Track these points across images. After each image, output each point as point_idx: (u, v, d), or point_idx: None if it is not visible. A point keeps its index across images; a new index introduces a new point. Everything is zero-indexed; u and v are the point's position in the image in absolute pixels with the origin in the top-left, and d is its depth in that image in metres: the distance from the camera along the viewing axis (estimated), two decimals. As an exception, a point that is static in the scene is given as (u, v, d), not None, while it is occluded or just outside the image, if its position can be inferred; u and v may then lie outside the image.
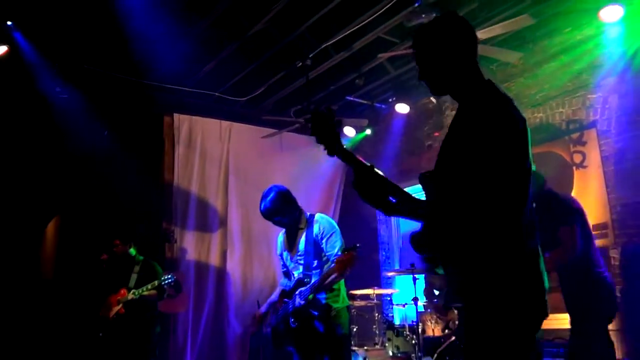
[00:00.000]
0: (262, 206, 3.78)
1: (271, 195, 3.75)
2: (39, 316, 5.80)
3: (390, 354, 4.94)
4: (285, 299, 3.71)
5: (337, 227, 3.74)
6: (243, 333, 6.88)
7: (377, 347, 5.41)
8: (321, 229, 3.64)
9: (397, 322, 7.03)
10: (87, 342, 5.28)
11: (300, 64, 6.08)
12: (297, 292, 3.54)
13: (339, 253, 3.47)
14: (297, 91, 6.86)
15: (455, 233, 1.85)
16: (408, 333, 4.96)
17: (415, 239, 2.01)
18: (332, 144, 2.06)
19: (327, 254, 3.58)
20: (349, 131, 7.44)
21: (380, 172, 1.96)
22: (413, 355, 4.78)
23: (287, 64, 6.23)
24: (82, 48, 5.53)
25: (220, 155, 7.17)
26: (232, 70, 6.44)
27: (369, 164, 1.97)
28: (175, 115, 6.88)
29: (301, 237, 3.68)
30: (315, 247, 3.60)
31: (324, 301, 3.52)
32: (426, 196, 2.09)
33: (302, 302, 3.45)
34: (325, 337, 3.46)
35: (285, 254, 3.90)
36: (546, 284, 1.84)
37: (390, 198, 1.98)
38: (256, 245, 7.25)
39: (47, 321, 5.81)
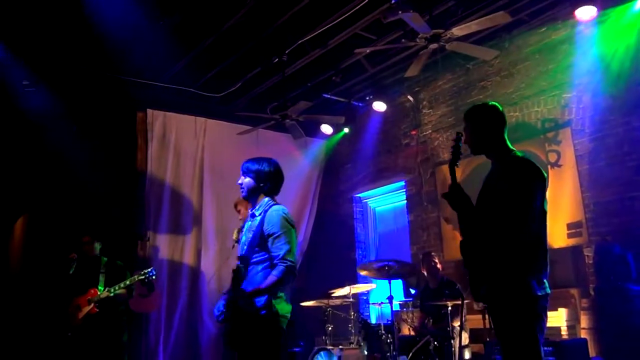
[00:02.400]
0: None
1: (268, 160, 3.37)
2: (6, 315, 5.63)
3: (366, 353, 4.90)
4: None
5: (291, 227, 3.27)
6: (217, 332, 6.78)
7: (353, 346, 5.36)
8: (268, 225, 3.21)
9: (373, 321, 7.01)
10: (54, 341, 5.13)
11: (277, 59, 6.01)
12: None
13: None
14: (273, 88, 6.78)
15: (490, 247, 2.69)
16: (383, 332, 4.92)
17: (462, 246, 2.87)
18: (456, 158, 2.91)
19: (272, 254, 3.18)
20: (326, 129, 7.39)
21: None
22: (388, 354, 4.74)
23: (263, 60, 6.14)
24: (52, 41, 5.37)
25: (195, 151, 7.06)
26: (207, 66, 6.33)
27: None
28: (149, 111, 6.75)
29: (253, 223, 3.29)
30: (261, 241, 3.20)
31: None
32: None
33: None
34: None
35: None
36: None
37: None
38: (230, 242, 7.15)
39: (14, 321, 5.64)
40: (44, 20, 5.04)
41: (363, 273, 5.67)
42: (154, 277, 4.80)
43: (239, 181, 3.34)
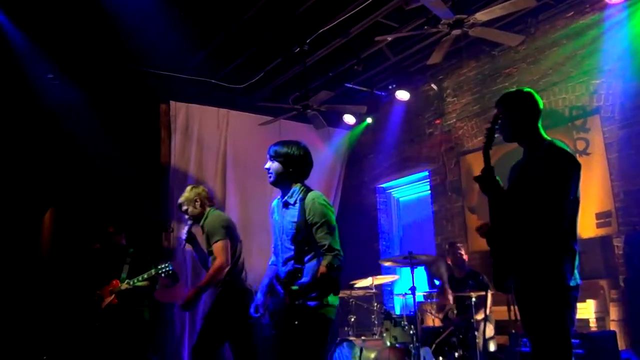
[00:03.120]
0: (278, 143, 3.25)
1: (297, 143, 3.23)
2: (36, 306, 5.76)
3: (388, 344, 4.86)
4: (279, 290, 3.18)
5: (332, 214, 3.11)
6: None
7: (375, 337, 5.32)
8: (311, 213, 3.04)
9: (397, 312, 6.96)
10: (81, 330, 5.22)
11: (298, 49, 5.97)
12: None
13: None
14: (294, 78, 6.74)
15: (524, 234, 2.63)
16: (406, 323, 4.86)
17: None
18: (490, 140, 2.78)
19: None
20: (348, 119, 7.34)
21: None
22: (411, 345, 4.69)
23: (285, 50, 6.11)
24: (75, 34, 5.42)
25: (218, 143, 7.08)
26: (228, 57, 6.33)
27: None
28: (172, 103, 6.79)
29: (291, 211, 3.11)
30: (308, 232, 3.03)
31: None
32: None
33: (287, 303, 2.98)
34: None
35: (274, 220, 3.32)
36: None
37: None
38: (255, 235, 7.16)
39: (44, 313, 5.77)
40: (68, 14, 5.09)
41: (387, 264, 5.64)
42: (170, 272, 4.79)
43: (266, 166, 3.19)
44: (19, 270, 5.79)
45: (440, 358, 4.76)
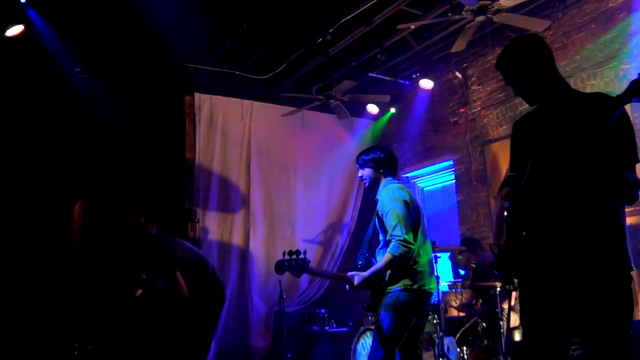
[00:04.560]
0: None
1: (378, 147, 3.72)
2: (67, 296, 5.90)
3: (413, 333, 4.86)
4: None
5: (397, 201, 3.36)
6: (267, 312, 6.90)
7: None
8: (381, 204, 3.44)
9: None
10: (112, 318, 5.34)
11: (320, 39, 5.96)
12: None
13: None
14: (317, 68, 6.74)
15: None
16: (430, 312, 4.86)
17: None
18: None
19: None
20: (372, 108, 7.30)
21: None
22: (435, 335, 4.69)
23: (307, 40, 6.11)
24: (100, 27, 5.51)
25: (242, 134, 7.13)
26: (251, 49, 6.35)
27: None
28: (196, 95, 6.85)
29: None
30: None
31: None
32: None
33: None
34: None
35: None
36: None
37: None
38: (279, 226, 7.23)
39: (75, 298, 5.91)
40: (93, 7, 5.17)
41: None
42: None
43: (360, 174, 3.58)
44: (50, 260, 5.95)
45: (465, 347, 4.74)
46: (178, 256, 4.40)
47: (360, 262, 3.46)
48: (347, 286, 3.36)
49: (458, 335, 4.79)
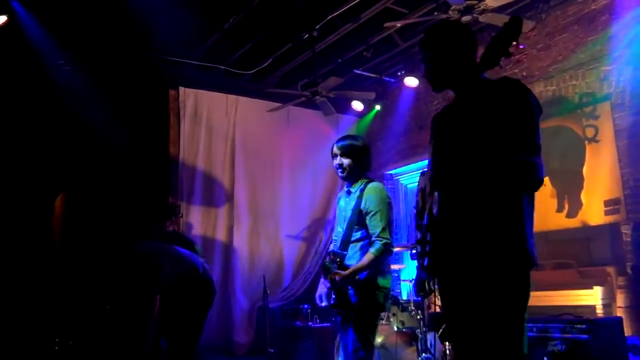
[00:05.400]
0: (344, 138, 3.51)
1: (356, 136, 3.56)
2: (48, 287, 5.83)
3: (395, 329, 4.91)
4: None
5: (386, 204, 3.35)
6: (250, 308, 6.91)
7: (383, 322, 5.37)
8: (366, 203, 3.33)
9: (404, 297, 7.00)
10: (93, 314, 5.29)
11: (307, 35, 5.97)
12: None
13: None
14: (303, 64, 6.75)
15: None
16: (413, 308, 4.91)
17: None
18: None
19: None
20: (356, 105, 7.33)
21: None
22: (418, 330, 4.74)
23: (294, 36, 6.11)
24: (85, 19, 5.44)
25: (227, 129, 7.11)
26: (237, 43, 6.34)
27: None
28: (181, 89, 6.82)
29: (353, 200, 3.37)
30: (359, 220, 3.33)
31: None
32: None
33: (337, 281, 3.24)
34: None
35: (338, 209, 3.56)
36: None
37: None
38: (263, 221, 7.23)
39: (57, 293, 5.84)
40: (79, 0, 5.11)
41: (395, 249, 5.66)
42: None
43: (337, 162, 3.41)
44: (31, 254, 5.87)
45: (447, 343, 4.80)
46: (164, 274, 4.00)
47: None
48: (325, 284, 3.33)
49: (440, 330, 4.85)
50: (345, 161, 3.37)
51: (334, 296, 3.28)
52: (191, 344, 4.16)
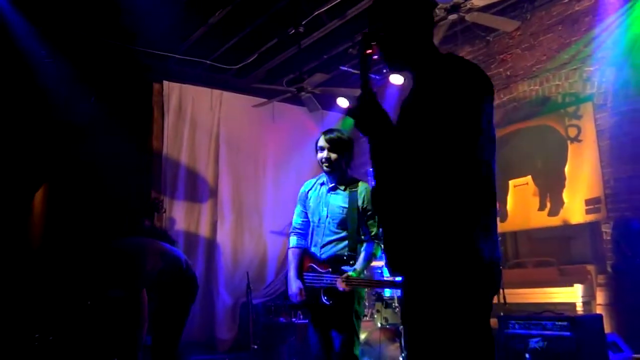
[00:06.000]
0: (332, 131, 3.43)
1: (341, 130, 3.46)
2: (29, 278, 5.75)
3: (379, 325, 4.93)
4: (319, 269, 3.33)
5: None
6: (233, 304, 6.88)
7: (367, 318, 5.39)
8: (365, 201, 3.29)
9: (387, 294, 7.03)
10: (74, 309, 5.23)
11: (293, 31, 5.94)
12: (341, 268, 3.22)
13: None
14: (289, 60, 6.71)
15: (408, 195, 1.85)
16: (397, 305, 4.94)
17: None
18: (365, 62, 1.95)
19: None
20: (342, 102, 7.31)
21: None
22: (400, 327, 4.76)
23: (279, 31, 6.08)
24: (68, 11, 5.35)
25: (211, 124, 7.06)
26: (223, 38, 6.28)
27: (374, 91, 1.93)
28: (165, 83, 6.76)
29: (341, 197, 3.34)
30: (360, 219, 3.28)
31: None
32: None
33: (340, 289, 3.13)
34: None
35: (315, 205, 3.45)
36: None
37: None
38: (247, 216, 7.21)
39: (37, 285, 5.76)
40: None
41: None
42: None
43: (324, 156, 3.33)
44: (10, 248, 5.78)
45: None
46: (146, 272, 3.98)
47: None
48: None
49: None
50: (333, 155, 3.32)
51: (325, 297, 3.20)
52: (173, 340, 4.13)
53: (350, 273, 3.15)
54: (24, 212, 6.30)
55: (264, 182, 7.41)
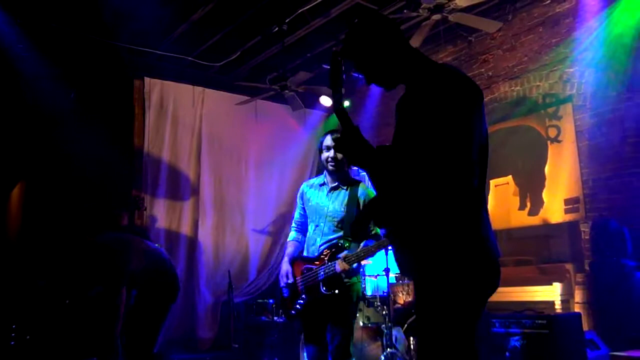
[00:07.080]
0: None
1: None
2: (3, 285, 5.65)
3: (361, 324, 4.94)
4: (314, 267, 3.36)
5: None
6: (214, 303, 6.84)
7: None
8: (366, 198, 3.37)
9: (369, 292, 7.05)
10: (51, 308, 5.15)
11: (277, 29, 5.92)
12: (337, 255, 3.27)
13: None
14: (272, 58, 6.69)
15: (406, 203, 1.92)
16: (379, 304, 4.96)
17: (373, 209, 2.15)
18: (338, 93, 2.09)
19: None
20: (324, 101, 7.31)
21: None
22: (383, 325, 4.78)
23: (263, 29, 6.05)
24: (48, 5, 5.27)
25: (193, 121, 7.01)
26: (205, 35, 6.24)
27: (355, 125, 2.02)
28: (146, 79, 6.68)
29: (342, 196, 3.40)
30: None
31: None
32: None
33: (339, 270, 3.19)
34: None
35: (315, 205, 3.50)
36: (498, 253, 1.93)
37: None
38: (229, 214, 7.17)
39: (11, 287, 5.66)
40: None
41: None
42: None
43: (331, 155, 3.39)
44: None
45: (412, 338, 4.86)
46: (130, 269, 3.92)
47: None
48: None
49: (406, 325, 4.90)
50: (339, 155, 3.38)
51: (324, 288, 3.25)
52: (150, 340, 4.08)
53: (346, 253, 3.25)
54: (2, 208, 6.19)
55: (246, 180, 7.37)
